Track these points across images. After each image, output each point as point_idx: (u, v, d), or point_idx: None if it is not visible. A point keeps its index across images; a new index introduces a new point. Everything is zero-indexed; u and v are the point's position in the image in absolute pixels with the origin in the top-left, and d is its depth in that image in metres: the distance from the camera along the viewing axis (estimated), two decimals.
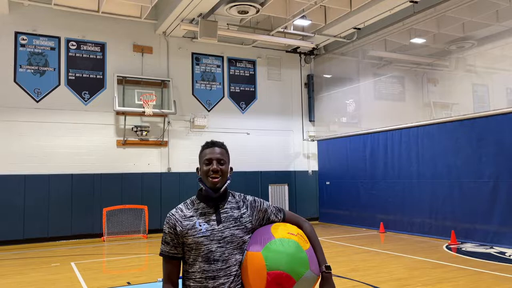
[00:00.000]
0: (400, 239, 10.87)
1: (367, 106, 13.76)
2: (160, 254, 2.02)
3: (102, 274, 7.96)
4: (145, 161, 12.93)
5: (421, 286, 6.18)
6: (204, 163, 2.03)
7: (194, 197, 2.08)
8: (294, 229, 2.04)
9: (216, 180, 1.98)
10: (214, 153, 2.02)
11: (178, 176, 13.16)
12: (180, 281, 2.03)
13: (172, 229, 1.97)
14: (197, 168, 2.10)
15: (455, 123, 10.50)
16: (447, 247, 9.52)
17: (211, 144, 2.07)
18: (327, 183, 14.95)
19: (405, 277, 6.77)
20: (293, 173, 15.24)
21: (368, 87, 13.77)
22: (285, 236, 1.95)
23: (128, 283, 6.82)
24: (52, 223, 11.57)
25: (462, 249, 9.24)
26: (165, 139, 13.18)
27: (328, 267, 2.03)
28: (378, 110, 13.35)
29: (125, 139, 12.61)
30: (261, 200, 2.14)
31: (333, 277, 2.04)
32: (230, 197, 2.07)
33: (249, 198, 2.11)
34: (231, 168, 2.11)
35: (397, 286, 6.14)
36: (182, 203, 2.07)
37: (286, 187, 15.08)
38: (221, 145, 2.08)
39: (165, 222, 2.02)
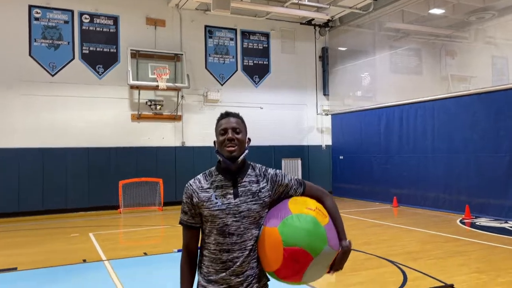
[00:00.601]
0: (414, 213, 10.87)
1: (383, 80, 13.54)
2: (180, 223, 2.04)
3: (119, 245, 8.18)
4: (160, 135, 13.03)
5: (433, 259, 6.22)
6: (220, 133, 1.99)
7: (214, 168, 2.05)
8: (312, 203, 1.98)
9: (233, 148, 1.95)
10: (229, 123, 1.99)
11: (192, 150, 13.26)
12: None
13: (189, 199, 1.98)
14: (214, 142, 2.06)
15: (473, 97, 10.29)
16: (460, 221, 9.50)
17: (225, 115, 2.03)
18: (341, 157, 14.91)
19: (417, 250, 6.81)
20: (307, 147, 15.23)
21: (384, 60, 13.51)
22: (302, 212, 1.90)
23: (145, 253, 7.00)
24: (70, 195, 11.86)
25: (476, 223, 9.21)
26: (178, 113, 13.22)
27: (349, 242, 2.00)
28: (394, 83, 13.12)
29: (140, 113, 12.70)
30: (283, 174, 2.10)
31: None
32: (249, 170, 2.03)
33: (271, 171, 2.07)
34: (249, 139, 2.07)
35: (409, 259, 6.19)
36: (201, 174, 2.05)
37: (299, 161, 15.10)
38: (236, 115, 2.04)
39: (183, 192, 2.02)
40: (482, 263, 5.97)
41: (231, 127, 1.98)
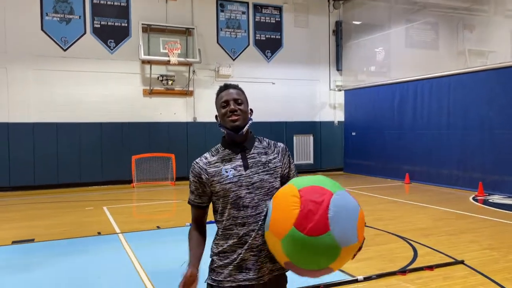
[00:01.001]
0: (426, 190, 10.82)
1: (398, 55, 13.26)
2: (188, 203, 2.04)
3: (132, 218, 8.33)
4: (171, 111, 13.06)
5: (444, 235, 6.21)
6: (221, 106, 1.96)
7: (219, 144, 2.02)
8: None
9: (235, 117, 1.91)
10: (230, 94, 1.95)
11: (204, 126, 13.28)
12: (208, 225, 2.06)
13: (196, 178, 1.94)
14: (216, 116, 2.03)
15: (490, 72, 10.04)
16: (473, 198, 9.44)
17: (224, 87, 1.99)
18: (353, 133, 14.81)
19: (428, 227, 6.80)
20: (319, 123, 15.13)
21: (399, 34, 13.20)
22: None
23: (158, 227, 7.12)
24: (84, 170, 12.04)
25: (489, 200, 9.14)
26: (190, 89, 13.19)
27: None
28: (409, 58, 12.86)
29: (151, 88, 12.70)
30: (290, 156, 2.09)
31: None
32: (256, 143, 2.00)
33: (281, 144, 2.05)
34: (251, 110, 2.03)
35: (420, 236, 6.19)
36: (207, 152, 2.02)
37: (311, 137, 15.04)
38: (235, 87, 2.00)
39: (190, 171, 1.99)
40: (493, 240, 5.94)
41: (232, 98, 1.94)
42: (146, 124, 12.71)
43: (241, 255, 1.89)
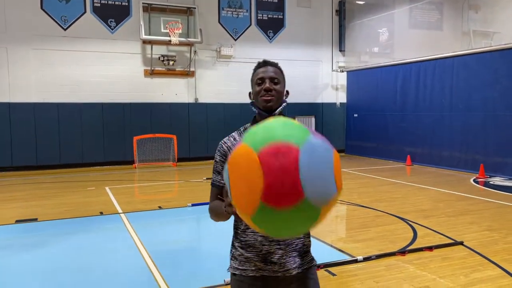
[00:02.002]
0: (427, 172, 10.84)
1: (401, 35, 13.11)
2: (212, 184, 1.90)
3: (134, 198, 8.38)
4: (173, 91, 13.00)
5: (444, 217, 6.24)
6: (257, 83, 1.84)
7: (248, 124, 1.91)
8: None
9: (269, 97, 1.80)
10: (267, 72, 1.83)
11: (206, 107, 13.23)
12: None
13: (223, 157, 1.84)
14: (249, 93, 1.93)
15: (495, 53, 9.93)
16: (474, 180, 9.46)
17: (263, 64, 1.87)
18: (355, 115, 14.76)
19: (429, 208, 6.83)
20: (321, 105, 15.07)
21: (403, 15, 13.02)
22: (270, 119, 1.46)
23: (160, 207, 7.17)
24: (86, 150, 12.07)
25: (490, 182, 9.16)
26: (191, 69, 13.10)
27: None
28: (413, 39, 12.71)
29: (153, 68, 12.62)
30: None
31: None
32: None
33: None
34: (287, 92, 1.92)
35: (420, 217, 6.22)
36: (235, 131, 1.92)
37: (313, 119, 15.00)
38: (275, 64, 1.88)
39: (216, 151, 1.88)
40: (493, 221, 5.98)
41: (268, 77, 1.82)
42: (147, 104, 12.67)
43: (266, 247, 1.81)
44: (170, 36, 12.16)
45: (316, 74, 14.91)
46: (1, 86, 11.29)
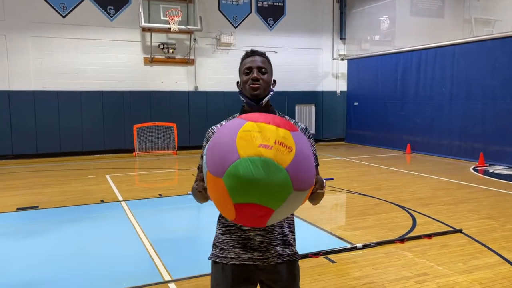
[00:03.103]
0: (427, 161, 10.86)
1: (402, 23, 13.02)
2: (198, 168, 1.94)
3: (135, 186, 8.41)
4: (173, 79, 12.95)
5: (444, 205, 6.27)
6: (244, 72, 1.87)
7: (237, 114, 1.92)
8: (272, 133, 1.46)
9: (256, 86, 1.83)
10: (255, 62, 1.86)
11: (205, 95, 13.20)
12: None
13: None
14: (237, 82, 1.95)
15: (496, 41, 9.88)
16: (474, 169, 9.48)
17: (251, 53, 1.90)
18: (355, 103, 14.73)
19: (428, 196, 6.86)
20: (321, 93, 15.03)
21: (404, 2, 12.91)
22: (254, 153, 1.42)
23: (160, 195, 7.20)
24: (86, 138, 12.07)
25: (490, 171, 9.18)
26: (191, 57, 13.04)
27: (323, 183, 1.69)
28: (414, 27, 12.62)
29: (152, 56, 12.55)
30: (311, 134, 1.96)
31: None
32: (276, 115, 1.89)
33: (301, 125, 1.94)
34: (275, 81, 1.95)
35: (420, 205, 6.25)
36: (224, 120, 1.94)
37: (313, 107, 14.98)
38: (262, 54, 1.91)
39: (204, 136, 1.92)
40: (492, 209, 6.01)
41: (256, 66, 1.85)
42: (147, 93, 12.64)
43: (245, 232, 1.83)
44: (169, 23, 12.08)
45: (317, 62, 14.84)
46: (0, 74, 11.24)
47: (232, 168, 1.41)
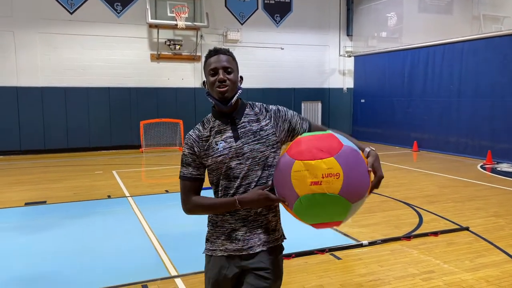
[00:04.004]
0: (434, 158, 10.80)
1: (410, 20, 12.92)
2: (181, 177, 1.93)
3: (141, 182, 8.45)
4: (179, 76, 12.98)
5: (450, 203, 6.24)
6: (210, 73, 1.83)
7: (210, 115, 1.91)
8: (318, 170, 1.61)
9: (224, 89, 1.80)
10: (220, 62, 1.82)
11: None
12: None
13: (191, 150, 1.88)
14: (204, 82, 1.92)
15: (505, 38, 9.78)
16: (481, 166, 9.41)
17: (214, 52, 1.86)
18: (362, 100, 14.67)
19: (435, 194, 6.83)
20: (327, 90, 14.99)
21: None
22: (308, 191, 1.62)
23: (167, 191, 7.23)
24: (93, 134, 12.14)
25: (497, 169, 9.11)
26: (198, 54, 13.05)
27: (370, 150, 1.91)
28: (422, 24, 12.52)
29: (159, 53, 12.58)
30: (285, 109, 1.94)
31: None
32: (247, 109, 1.90)
33: (272, 107, 1.93)
34: (241, 77, 1.93)
35: (426, 203, 6.23)
36: (199, 123, 1.94)
37: (320, 104, 14.94)
38: (226, 52, 1.88)
39: (184, 144, 1.92)
40: (500, 207, 5.97)
41: (221, 67, 1.82)
42: (153, 89, 12.67)
43: (232, 225, 1.86)
44: (176, 20, 12.09)
45: (323, 58, 14.79)
46: (8, 70, 11.32)
47: (296, 204, 1.69)
